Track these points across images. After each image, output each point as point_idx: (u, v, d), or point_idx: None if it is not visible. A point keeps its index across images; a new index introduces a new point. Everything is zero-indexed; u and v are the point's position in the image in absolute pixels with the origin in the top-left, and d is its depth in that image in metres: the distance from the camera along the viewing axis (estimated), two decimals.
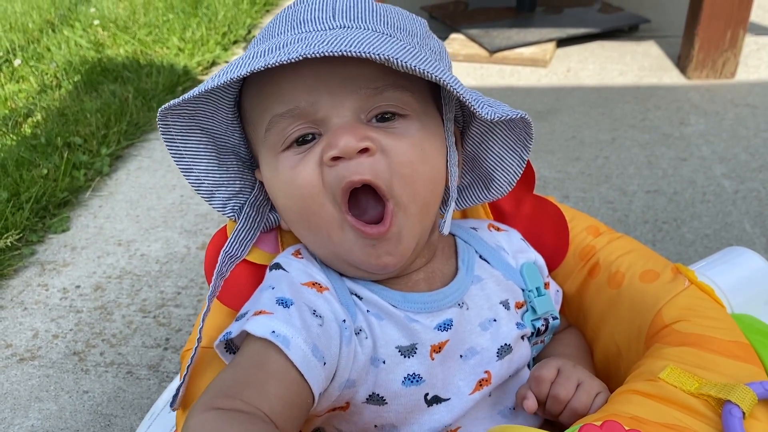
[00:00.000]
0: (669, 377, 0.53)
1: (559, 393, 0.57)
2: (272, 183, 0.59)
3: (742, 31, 1.97)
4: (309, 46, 0.48)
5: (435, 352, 0.58)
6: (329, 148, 0.52)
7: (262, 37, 0.59)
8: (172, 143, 0.59)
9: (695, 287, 0.63)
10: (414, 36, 0.57)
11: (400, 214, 0.55)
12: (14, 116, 1.96)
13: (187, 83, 2.23)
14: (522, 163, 0.64)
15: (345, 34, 0.50)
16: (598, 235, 0.72)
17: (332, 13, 0.55)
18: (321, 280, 0.58)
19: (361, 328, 0.57)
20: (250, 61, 0.50)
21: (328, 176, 0.53)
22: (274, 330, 0.50)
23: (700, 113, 1.85)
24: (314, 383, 0.50)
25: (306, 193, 0.54)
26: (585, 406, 0.57)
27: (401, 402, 0.56)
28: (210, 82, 0.51)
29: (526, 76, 2.18)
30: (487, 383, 0.60)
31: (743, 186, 1.50)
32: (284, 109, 0.54)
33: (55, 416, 1.05)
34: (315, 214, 0.55)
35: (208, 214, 1.55)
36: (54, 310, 1.28)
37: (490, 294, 0.63)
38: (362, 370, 0.56)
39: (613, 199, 1.48)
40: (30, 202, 1.51)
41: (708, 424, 0.50)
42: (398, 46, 0.50)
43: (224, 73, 0.51)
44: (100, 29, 2.69)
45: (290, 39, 0.53)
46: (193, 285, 1.32)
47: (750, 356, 0.56)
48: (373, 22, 0.55)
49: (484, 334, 0.61)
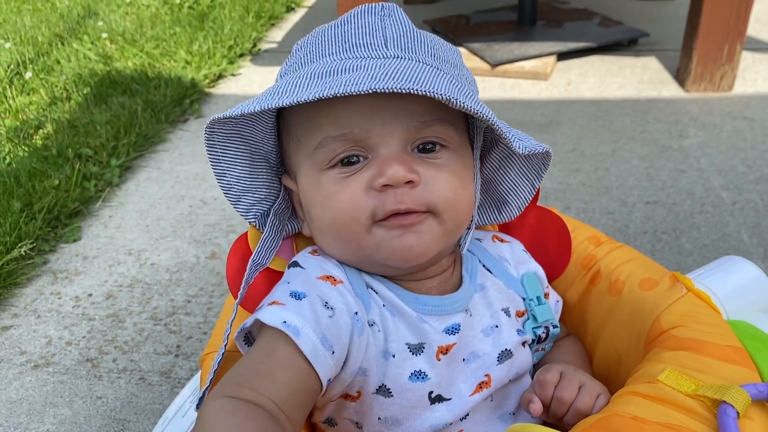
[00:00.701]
0: (667, 379, 0.56)
1: (563, 395, 0.61)
2: (310, 195, 0.62)
3: (740, 46, 2.01)
4: (374, 80, 0.51)
5: (442, 353, 0.61)
6: (380, 176, 0.56)
7: (308, 54, 0.61)
8: (212, 149, 0.62)
9: (692, 294, 0.66)
10: (454, 67, 0.62)
11: (433, 220, 0.59)
12: (26, 128, 2.00)
13: (195, 95, 2.27)
14: (533, 191, 0.70)
15: (403, 67, 0.53)
16: (599, 244, 0.75)
17: (383, 40, 0.58)
18: (336, 274, 0.61)
19: (374, 321, 0.60)
20: (312, 82, 0.54)
21: (373, 200, 0.57)
22: (285, 320, 0.54)
23: (699, 126, 1.88)
24: (322, 372, 0.53)
25: (346, 210, 0.58)
26: (588, 406, 0.60)
27: (406, 396, 0.60)
28: (270, 99, 0.54)
29: (527, 89, 2.22)
30: (486, 386, 0.63)
31: (741, 197, 1.53)
32: (338, 132, 0.58)
33: (70, 421, 1.07)
34: (348, 228, 0.59)
35: (217, 224, 1.59)
36: (67, 318, 1.30)
37: (492, 301, 0.67)
38: (373, 361, 0.59)
39: (613, 210, 1.52)
40: (42, 212, 1.55)
41: (704, 424, 0.52)
42: (452, 84, 0.54)
43: (287, 93, 0.53)
44: (108, 42, 2.73)
45: (348, 65, 0.55)
46: (202, 294, 1.35)
47: (744, 360, 0.59)
48: (422, 53, 0.59)
49: (486, 339, 0.64)
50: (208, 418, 0.47)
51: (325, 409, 0.63)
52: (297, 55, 0.63)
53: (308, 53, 0.61)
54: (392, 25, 0.60)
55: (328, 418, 0.64)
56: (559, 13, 2.71)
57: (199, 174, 1.82)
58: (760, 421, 0.53)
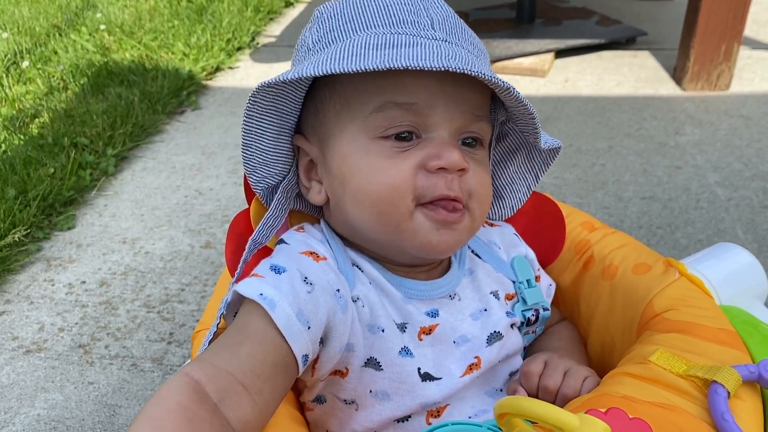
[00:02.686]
0: (659, 360, 0.56)
1: (547, 384, 0.61)
2: (354, 162, 0.59)
3: (737, 45, 2.02)
4: (446, 59, 0.51)
5: (424, 334, 0.62)
6: (437, 158, 0.57)
7: (348, 22, 0.59)
8: (249, 119, 0.60)
9: (685, 279, 0.66)
10: (484, 53, 0.63)
11: (468, 218, 0.60)
12: (22, 117, 1.99)
13: (192, 88, 2.26)
14: (528, 193, 0.72)
15: (460, 53, 0.55)
16: (593, 230, 0.75)
17: (429, 21, 0.58)
18: (319, 250, 0.61)
19: (358, 297, 0.60)
20: (375, 53, 0.53)
21: (424, 181, 0.57)
22: (261, 293, 0.54)
23: (695, 123, 1.88)
24: (296, 346, 0.53)
25: (394, 187, 0.57)
26: (575, 390, 0.60)
27: (395, 371, 0.60)
28: (340, 62, 0.53)
29: (525, 85, 2.22)
30: (477, 367, 0.63)
31: (736, 194, 1.53)
32: (404, 99, 0.57)
33: (61, 406, 1.07)
34: (392, 206, 0.58)
35: (212, 214, 1.58)
36: (60, 305, 1.30)
37: (481, 285, 0.67)
38: (360, 335, 0.59)
39: (608, 205, 1.52)
40: (37, 200, 1.54)
41: (695, 403, 0.52)
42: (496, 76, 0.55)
43: (357, 57, 0.53)
44: (106, 34, 2.73)
45: (404, 40, 0.55)
46: (196, 282, 1.34)
47: (736, 343, 0.59)
48: (464, 40, 0.59)
49: (474, 323, 0.65)
50: (156, 393, 0.48)
51: (315, 388, 0.63)
52: (329, 23, 0.61)
53: (347, 22, 0.59)
54: (433, 7, 0.59)
55: (317, 396, 0.63)
56: (558, 12, 2.71)
57: (195, 165, 1.82)
58: (750, 400, 0.53)
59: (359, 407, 0.62)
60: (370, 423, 0.61)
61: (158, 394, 0.47)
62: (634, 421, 0.46)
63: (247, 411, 0.50)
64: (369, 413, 0.61)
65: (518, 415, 0.44)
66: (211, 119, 2.10)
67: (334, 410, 0.63)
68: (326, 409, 0.64)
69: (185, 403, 0.47)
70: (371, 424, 0.61)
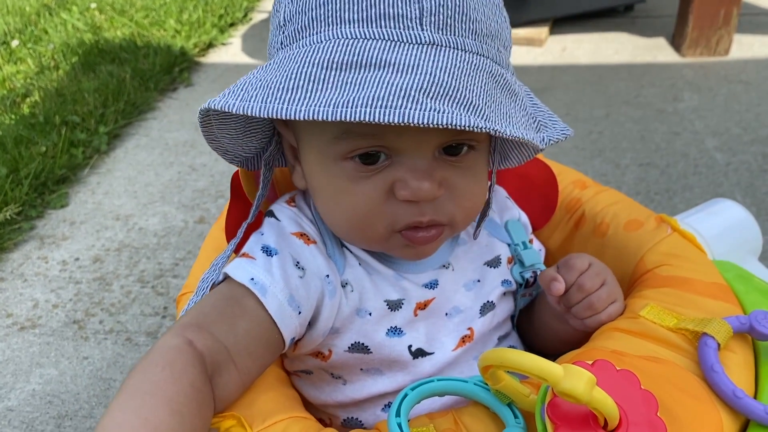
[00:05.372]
0: (649, 314, 0.55)
1: (585, 283, 0.58)
2: (320, 181, 0.56)
3: (736, 9, 1.98)
4: (409, 101, 0.43)
5: (420, 309, 0.60)
6: (404, 188, 0.51)
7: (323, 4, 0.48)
8: (208, 127, 0.54)
9: (677, 234, 0.65)
10: (495, 39, 0.51)
11: (449, 230, 0.56)
12: (12, 96, 1.97)
13: (184, 64, 2.24)
14: (534, 153, 0.63)
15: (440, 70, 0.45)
16: (585, 188, 0.74)
17: (419, 12, 0.47)
18: (309, 232, 0.59)
19: (347, 281, 0.59)
20: (331, 75, 0.45)
21: (394, 209, 0.52)
22: (253, 277, 0.53)
23: (694, 89, 1.86)
24: (286, 331, 0.54)
25: (362, 215, 0.53)
26: (603, 303, 0.58)
27: (385, 352, 0.59)
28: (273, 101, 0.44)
29: (521, 55, 2.19)
30: (469, 339, 0.62)
31: (735, 158, 1.51)
32: (366, 131, 0.50)
33: (56, 380, 1.07)
34: (362, 230, 0.55)
35: (206, 189, 1.57)
36: (54, 281, 1.29)
37: (475, 256, 0.65)
38: (346, 320, 0.58)
39: (606, 172, 1.50)
40: (29, 178, 1.53)
41: (685, 356, 0.51)
42: (493, 82, 0.48)
43: (295, 92, 0.44)
44: (97, 13, 2.69)
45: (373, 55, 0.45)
46: (190, 257, 1.33)
47: (728, 296, 0.58)
48: (462, 29, 0.48)
49: (468, 294, 0.63)
50: (155, 356, 0.47)
51: (297, 361, 0.62)
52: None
53: (322, 4, 0.49)
54: None
55: (303, 369, 0.63)
56: None
57: (188, 141, 1.80)
58: (741, 353, 0.52)
59: (347, 382, 0.61)
60: (358, 395, 0.61)
61: (171, 370, 0.45)
62: (621, 372, 0.45)
63: (232, 388, 0.51)
64: (359, 387, 0.61)
65: (503, 366, 0.43)
66: (204, 96, 2.07)
67: (321, 381, 0.63)
68: (313, 379, 0.63)
69: (198, 385, 0.46)
70: (359, 396, 0.61)
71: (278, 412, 0.50)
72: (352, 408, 0.62)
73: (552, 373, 0.39)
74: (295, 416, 0.51)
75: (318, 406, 0.64)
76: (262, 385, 0.53)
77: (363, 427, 0.61)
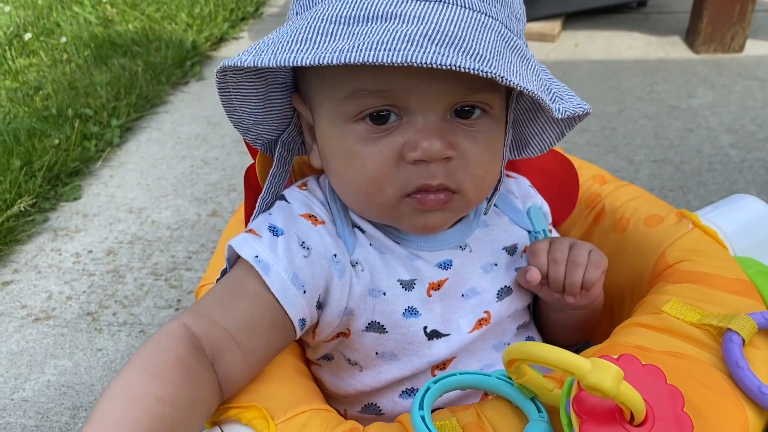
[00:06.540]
0: (672, 310, 0.55)
1: (556, 256, 0.61)
2: (332, 144, 0.56)
3: (751, 5, 1.96)
4: (415, 44, 0.43)
5: (433, 289, 0.60)
6: (414, 148, 0.51)
7: None
8: (225, 91, 0.55)
9: (699, 230, 0.65)
10: (506, 6, 0.51)
11: (459, 198, 0.55)
12: (25, 89, 1.98)
13: (196, 58, 2.24)
14: (561, 137, 0.64)
15: (449, 22, 0.45)
16: (604, 183, 0.74)
17: None
18: (319, 213, 0.59)
19: (357, 261, 0.59)
20: (341, 29, 0.46)
21: (404, 172, 0.52)
22: (257, 255, 0.54)
23: (708, 86, 1.84)
24: (292, 310, 0.54)
25: (373, 179, 0.53)
26: (583, 259, 0.60)
27: (401, 332, 0.59)
28: (289, 50, 0.46)
29: (534, 50, 2.16)
30: (486, 322, 0.62)
31: (750, 155, 1.50)
32: (375, 87, 0.50)
33: (70, 372, 1.07)
34: (373, 196, 0.54)
35: (218, 183, 1.57)
36: (67, 274, 1.30)
37: (495, 239, 0.65)
38: (359, 300, 0.58)
39: (619, 168, 1.49)
40: (42, 171, 1.53)
41: (709, 352, 0.51)
42: (502, 40, 0.47)
43: (309, 44, 0.45)
44: (108, 6, 2.69)
45: (382, 7, 0.46)
46: (203, 250, 1.34)
47: (752, 293, 0.58)
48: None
49: (485, 276, 0.63)
50: (155, 339, 0.48)
51: (321, 348, 0.62)
52: None
53: None
54: None
55: (325, 354, 0.63)
56: None
57: (200, 135, 1.80)
58: (766, 349, 0.52)
59: (363, 368, 0.61)
60: (375, 383, 0.61)
61: (157, 343, 0.47)
62: (647, 367, 0.45)
63: (236, 369, 0.51)
64: (375, 374, 0.61)
65: (528, 360, 0.42)
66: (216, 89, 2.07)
67: (339, 369, 0.63)
68: (332, 366, 0.63)
69: (184, 357, 0.47)
70: (377, 384, 0.61)
71: (300, 404, 0.50)
72: (372, 394, 0.62)
73: (579, 366, 0.39)
74: (317, 408, 0.50)
75: (338, 396, 0.64)
76: (284, 377, 0.53)
77: (381, 413, 0.61)
